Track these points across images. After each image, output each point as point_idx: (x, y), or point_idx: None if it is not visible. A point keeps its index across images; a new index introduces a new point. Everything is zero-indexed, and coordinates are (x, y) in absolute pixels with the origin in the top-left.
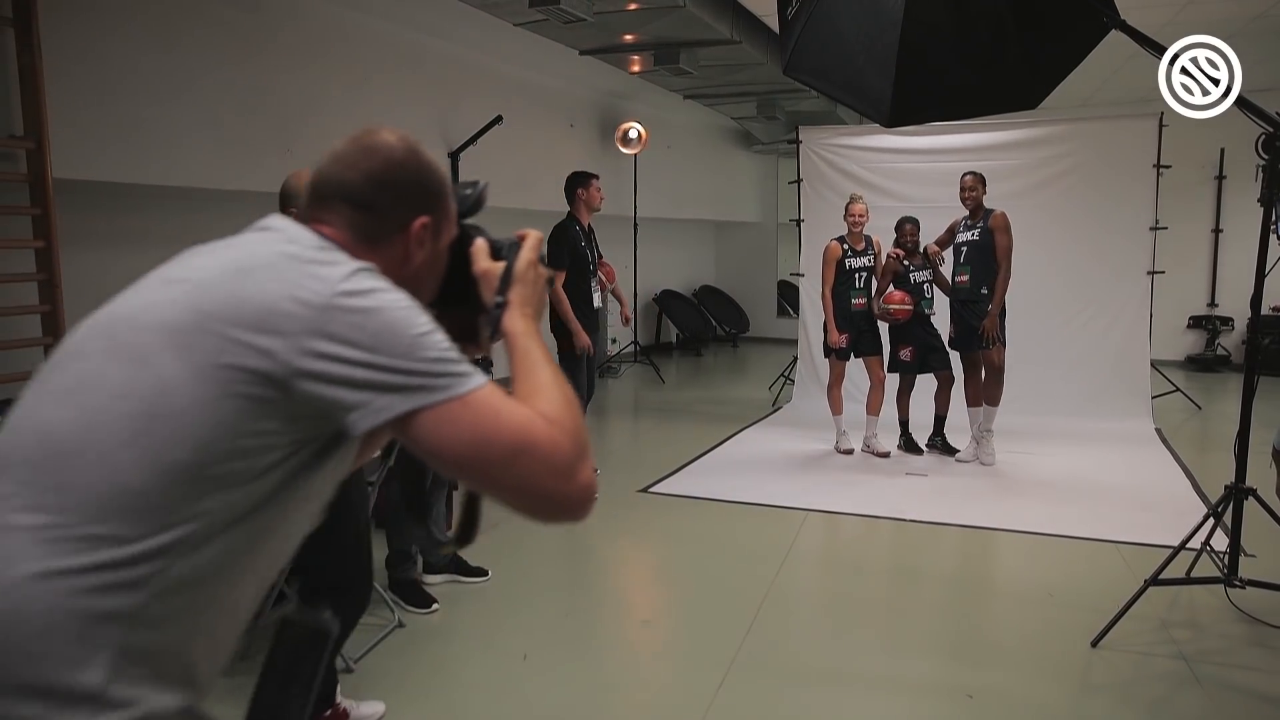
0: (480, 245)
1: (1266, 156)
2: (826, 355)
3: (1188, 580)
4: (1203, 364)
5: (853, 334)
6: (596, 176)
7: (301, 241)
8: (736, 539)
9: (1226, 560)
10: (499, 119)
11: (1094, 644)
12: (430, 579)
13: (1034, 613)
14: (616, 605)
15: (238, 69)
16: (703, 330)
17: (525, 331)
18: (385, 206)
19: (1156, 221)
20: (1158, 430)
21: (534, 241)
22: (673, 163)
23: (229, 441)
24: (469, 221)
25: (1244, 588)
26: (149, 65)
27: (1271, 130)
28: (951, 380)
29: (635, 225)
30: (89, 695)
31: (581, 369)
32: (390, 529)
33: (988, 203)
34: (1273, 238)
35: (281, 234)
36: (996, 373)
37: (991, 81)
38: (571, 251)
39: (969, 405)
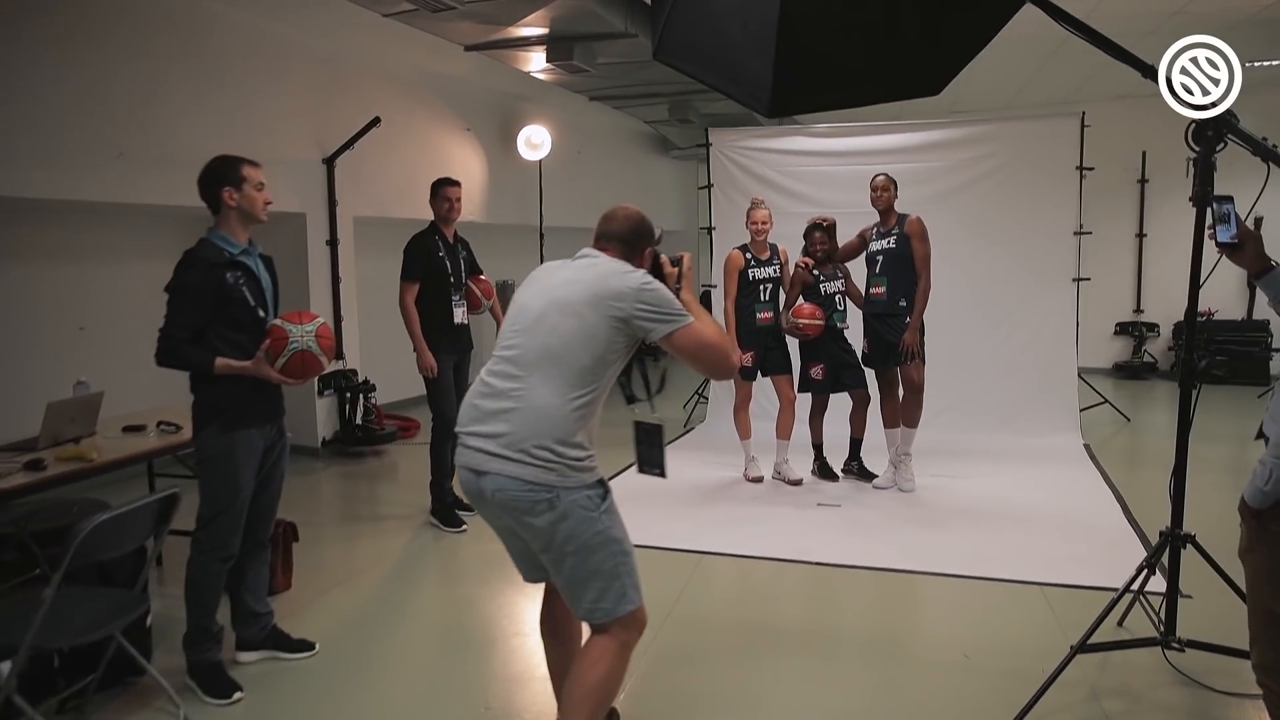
0: (664, 259)
1: (1198, 148)
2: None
3: (1120, 645)
4: (1130, 371)
5: (759, 351)
6: (453, 184)
7: (618, 264)
8: None
9: (1163, 616)
10: (376, 121)
11: None
12: (244, 657)
13: (949, 680)
14: (457, 686)
15: (60, 62)
16: None
17: (691, 300)
18: (635, 242)
19: (1081, 226)
20: (1086, 446)
21: (688, 258)
22: (584, 169)
23: (611, 345)
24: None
25: (1183, 650)
26: None
27: (1202, 119)
28: (867, 399)
29: (541, 235)
30: (578, 443)
31: (443, 390)
32: (189, 600)
33: (904, 207)
34: (1207, 242)
35: (603, 259)
36: (916, 392)
37: (887, 64)
38: (426, 263)
39: (886, 426)
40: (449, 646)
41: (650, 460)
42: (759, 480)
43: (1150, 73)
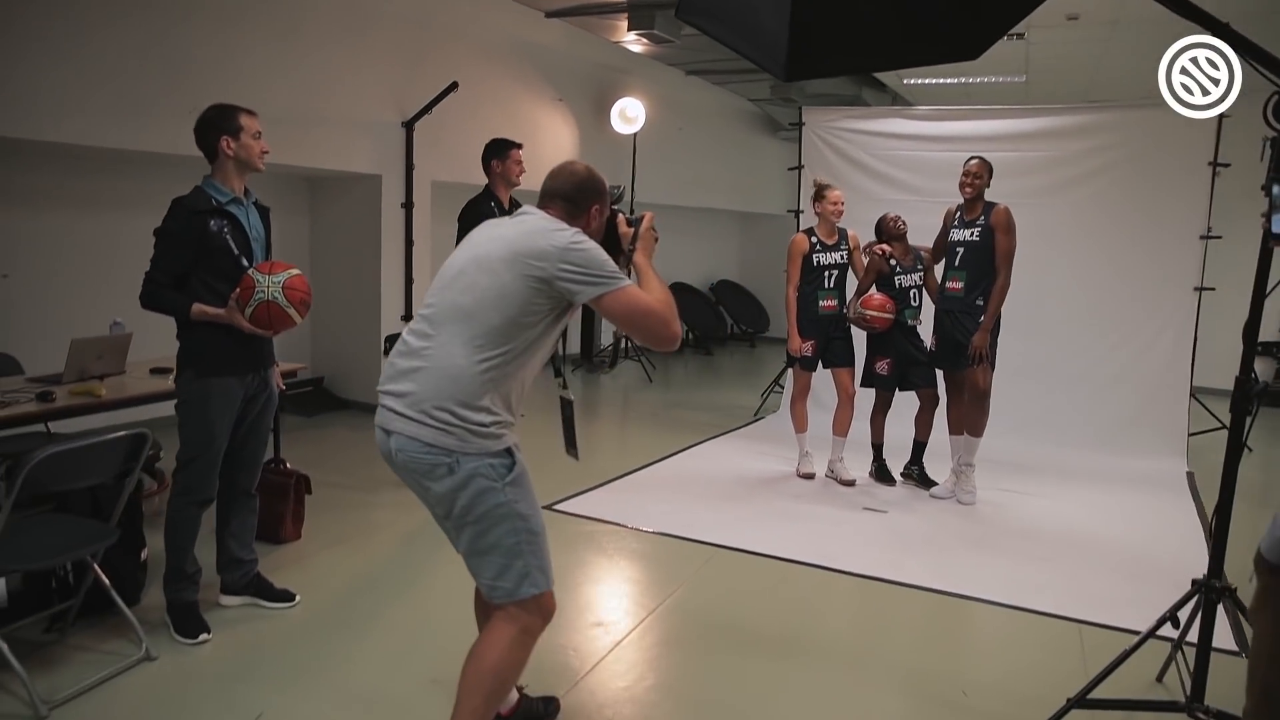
0: (621, 218)
1: (1279, 125)
2: (789, 365)
3: (1130, 704)
4: (1270, 397)
5: (820, 340)
6: (518, 146)
7: (549, 221)
8: (602, 583)
9: (1193, 676)
10: (454, 86)
11: None
12: (226, 600)
13: (934, 717)
14: (420, 656)
15: (135, 21)
16: (715, 328)
17: (644, 263)
18: (579, 200)
19: (1209, 229)
20: (1189, 475)
21: (649, 218)
22: (684, 146)
23: (528, 307)
24: (615, 206)
25: (1209, 719)
26: (30, 15)
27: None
28: (936, 400)
29: (631, 210)
30: (484, 407)
31: None
32: (166, 540)
33: (1009, 199)
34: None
35: (538, 217)
36: (980, 398)
37: (915, 23)
38: None
39: (950, 433)
40: (430, 616)
41: (567, 440)
42: (810, 477)
43: (1221, 30)
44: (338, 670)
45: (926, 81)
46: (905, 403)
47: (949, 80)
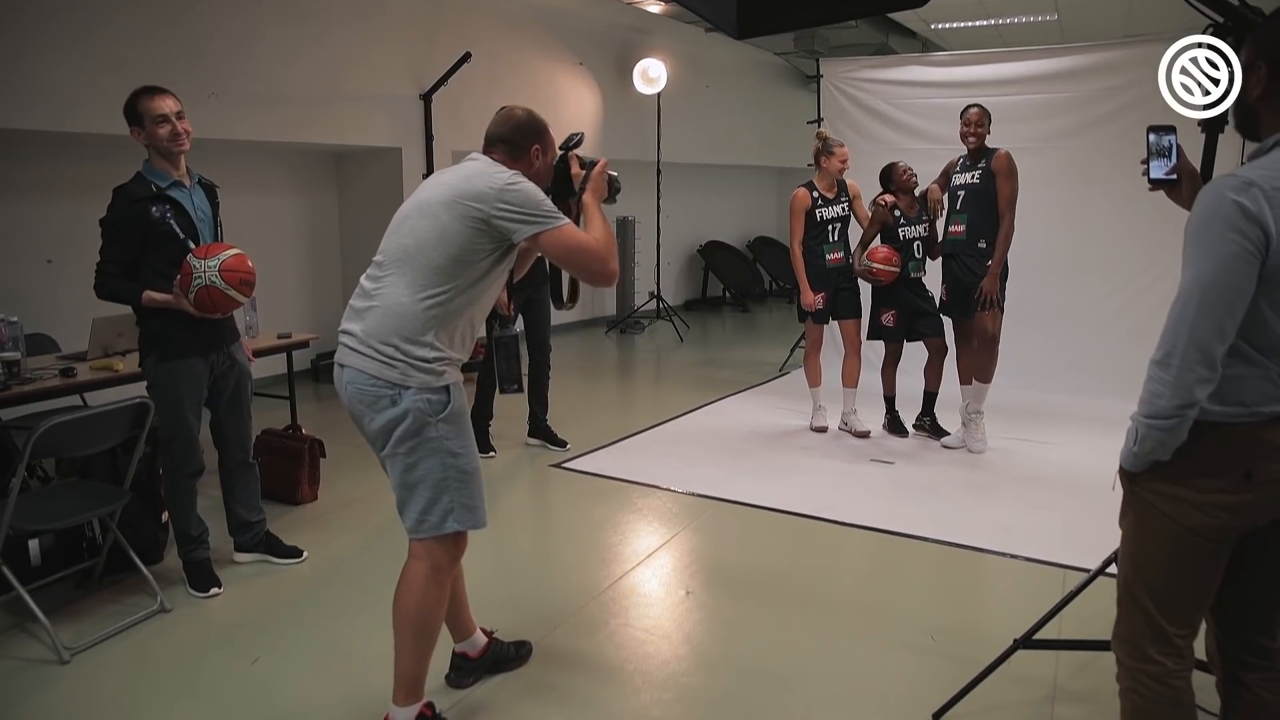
0: (573, 159)
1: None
2: (801, 319)
3: (1078, 644)
4: None
5: (829, 292)
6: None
7: (489, 165)
8: (599, 535)
9: None
10: (467, 56)
11: (936, 716)
12: (239, 558)
13: (897, 660)
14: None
15: (153, 15)
16: (750, 284)
17: (590, 202)
18: (518, 142)
19: (1243, 162)
20: None
21: (603, 163)
22: (712, 104)
23: (469, 246)
24: (576, 151)
25: None
26: (67, 19)
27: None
28: (944, 350)
29: (658, 171)
30: (428, 343)
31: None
32: (170, 512)
33: (1036, 142)
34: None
35: (482, 162)
36: (989, 343)
37: None
38: None
39: (961, 383)
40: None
41: (509, 376)
42: (823, 430)
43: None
44: (335, 621)
45: (956, 25)
46: (916, 355)
47: (980, 23)
